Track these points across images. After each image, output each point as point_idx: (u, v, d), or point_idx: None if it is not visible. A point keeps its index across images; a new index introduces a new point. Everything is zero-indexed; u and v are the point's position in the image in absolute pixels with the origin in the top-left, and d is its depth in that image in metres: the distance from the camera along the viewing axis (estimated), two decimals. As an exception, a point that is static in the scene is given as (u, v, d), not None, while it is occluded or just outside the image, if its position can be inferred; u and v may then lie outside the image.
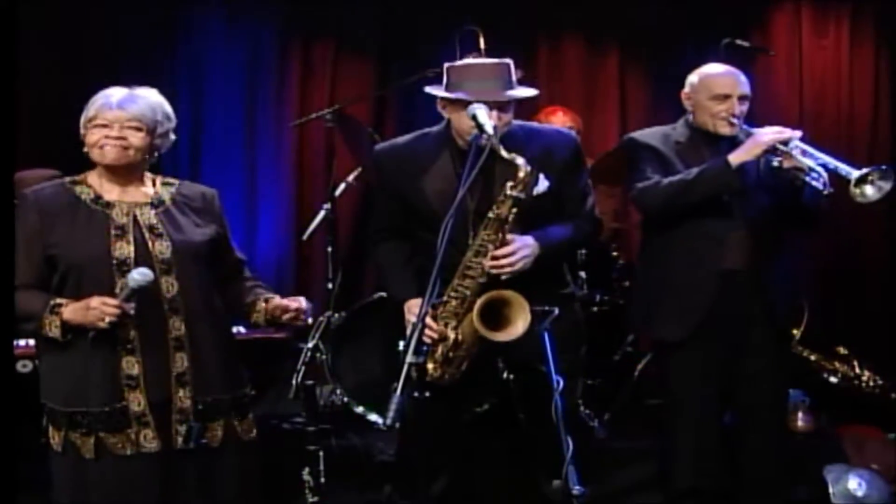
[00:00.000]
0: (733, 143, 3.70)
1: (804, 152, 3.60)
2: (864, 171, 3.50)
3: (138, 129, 2.92)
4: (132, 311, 2.81)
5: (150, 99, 2.96)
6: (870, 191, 3.52)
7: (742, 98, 3.74)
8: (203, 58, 5.79)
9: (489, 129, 3.08)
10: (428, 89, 3.34)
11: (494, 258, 3.18)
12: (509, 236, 3.20)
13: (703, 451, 3.81)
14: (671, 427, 3.89)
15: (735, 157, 3.61)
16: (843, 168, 3.54)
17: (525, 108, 4.84)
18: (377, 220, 3.57)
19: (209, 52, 5.80)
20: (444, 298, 3.21)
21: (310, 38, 5.94)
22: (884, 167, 3.53)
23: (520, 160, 3.11)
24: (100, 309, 2.77)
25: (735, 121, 3.72)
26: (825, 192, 3.54)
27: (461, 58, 4.15)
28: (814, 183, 3.55)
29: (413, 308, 3.31)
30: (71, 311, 2.81)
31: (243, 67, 5.84)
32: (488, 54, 4.26)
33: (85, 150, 2.96)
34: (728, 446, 3.88)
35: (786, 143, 3.60)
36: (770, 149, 3.60)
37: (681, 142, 3.80)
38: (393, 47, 5.95)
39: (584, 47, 6.09)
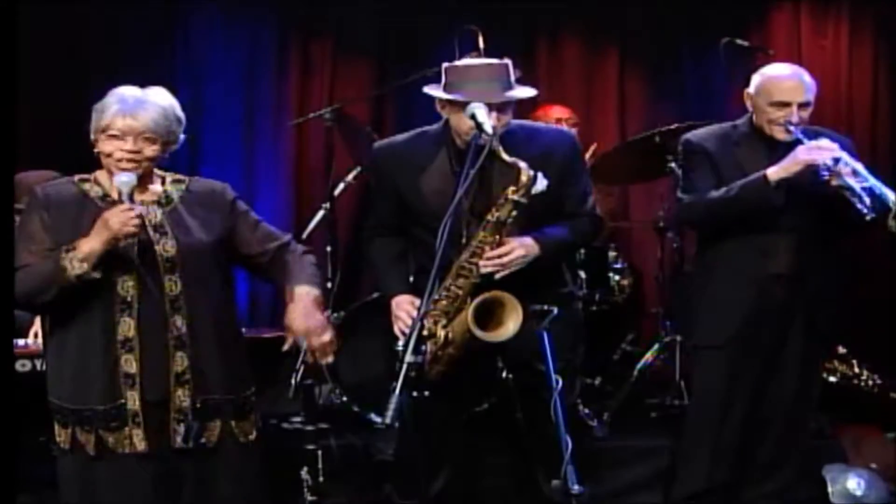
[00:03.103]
0: (791, 147, 3.65)
1: (854, 172, 3.57)
2: None
3: (152, 141, 2.88)
4: (143, 211, 2.82)
5: (161, 104, 2.91)
6: None
7: (803, 105, 3.68)
8: (202, 57, 5.80)
9: (488, 128, 3.09)
10: (427, 89, 3.35)
11: (488, 258, 3.19)
12: (506, 238, 3.20)
13: (720, 455, 3.82)
14: (692, 428, 3.90)
15: (773, 174, 3.59)
16: (889, 196, 3.53)
17: (523, 107, 4.86)
18: (372, 217, 3.59)
19: (208, 51, 5.81)
20: (436, 297, 3.21)
21: (308, 36, 5.95)
22: None
23: (522, 164, 3.11)
24: (118, 217, 2.75)
25: (792, 128, 3.66)
26: (867, 217, 3.53)
27: (461, 57, 4.16)
28: (857, 205, 3.53)
29: (401, 304, 3.33)
30: (89, 239, 2.77)
31: (242, 66, 5.84)
32: (488, 54, 4.26)
33: (95, 151, 2.92)
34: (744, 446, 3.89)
35: (836, 161, 3.57)
36: (809, 167, 3.57)
37: (739, 143, 3.77)
38: (392, 47, 5.95)
39: (584, 47, 6.08)
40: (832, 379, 5.00)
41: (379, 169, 3.50)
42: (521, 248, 3.22)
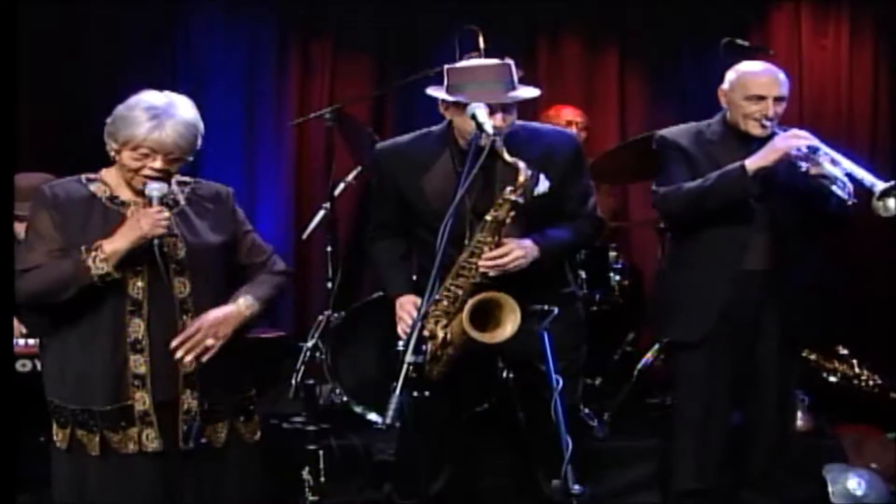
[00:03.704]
0: (766, 143, 3.67)
1: (833, 161, 3.58)
2: (890, 185, 3.48)
3: (179, 160, 2.90)
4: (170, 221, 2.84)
5: (190, 120, 2.90)
6: (893, 204, 3.50)
7: (778, 99, 3.71)
8: (202, 57, 5.80)
9: (489, 128, 3.09)
10: (429, 91, 3.35)
11: (487, 258, 3.19)
12: (505, 239, 3.20)
13: (707, 453, 3.82)
14: (677, 427, 3.90)
15: (752, 163, 3.59)
16: (869, 179, 3.52)
17: (530, 107, 4.85)
18: (375, 218, 3.59)
19: (208, 51, 5.81)
20: (437, 297, 3.21)
21: (309, 36, 5.95)
22: None
23: (521, 164, 3.12)
24: (148, 218, 2.77)
25: (767, 123, 3.68)
26: (849, 203, 3.53)
27: (461, 57, 4.16)
28: (838, 192, 3.54)
29: (405, 304, 3.33)
30: (113, 239, 2.79)
31: (242, 66, 5.84)
32: (488, 54, 4.26)
33: (111, 153, 2.90)
34: (733, 445, 3.89)
35: (814, 150, 3.58)
36: (787, 155, 3.58)
37: (713, 141, 3.78)
38: (392, 46, 5.96)
39: (584, 47, 6.09)
40: (832, 379, 5.00)
41: (381, 169, 3.50)
42: (519, 249, 3.22)
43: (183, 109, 2.90)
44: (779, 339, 3.79)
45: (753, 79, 3.74)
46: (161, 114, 2.84)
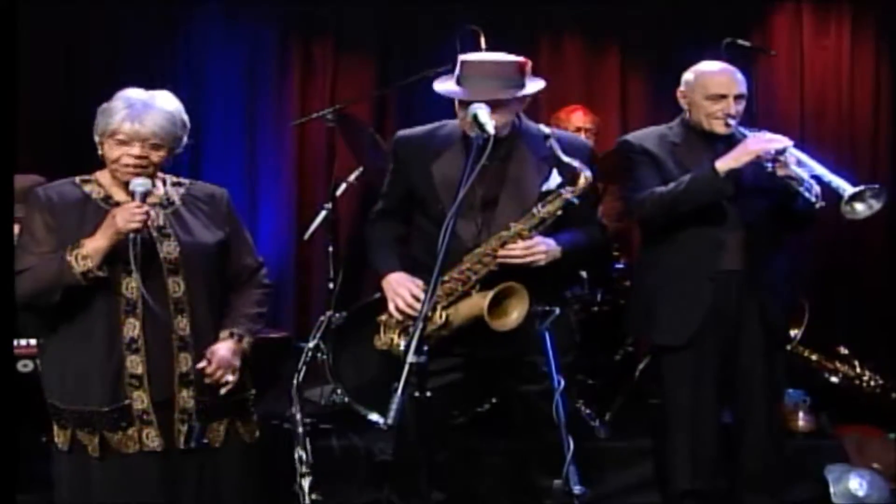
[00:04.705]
0: (730, 142, 3.69)
1: (799, 162, 3.59)
2: (858, 189, 3.49)
3: (158, 147, 2.89)
4: (152, 213, 2.84)
5: (168, 109, 2.91)
6: (860, 208, 3.52)
7: (738, 97, 3.72)
8: (203, 57, 5.79)
9: (490, 128, 3.10)
10: (437, 83, 3.38)
11: (512, 248, 3.22)
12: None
13: (699, 453, 3.82)
14: (668, 429, 3.89)
15: (722, 164, 3.60)
16: (837, 183, 3.53)
17: (538, 109, 4.86)
18: (382, 203, 3.62)
19: (209, 51, 5.80)
20: (444, 278, 3.21)
21: (309, 36, 5.94)
22: (877, 186, 3.53)
23: (580, 165, 3.19)
24: (123, 213, 2.77)
25: (731, 121, 3.70)
26: (817, 205, 3.54)
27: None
28: (806, 194, 3.55)
29: (401, 282, 3.35)
30: (95, 237, 2.79)
31: (243, 67, 5.84)
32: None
33: (100, 154, 2.92)
34: (726, 446, 3.89)
35: (781, 151, 3.59)
36: (759, 157, 3.59)
37: (677, 143, 3.80)
38: (393, 47, 5.95)
39: (585, 47, 6.08)
40: (834, 379, 5.00)
41: (397, 156, 3.53)
42: (544, 245, 3.26)
43: (162, 100, 2.92)
44: (762, 338, 3.79)
45: (713, 78, 3.76)
46: (136, 103, 2.87)
